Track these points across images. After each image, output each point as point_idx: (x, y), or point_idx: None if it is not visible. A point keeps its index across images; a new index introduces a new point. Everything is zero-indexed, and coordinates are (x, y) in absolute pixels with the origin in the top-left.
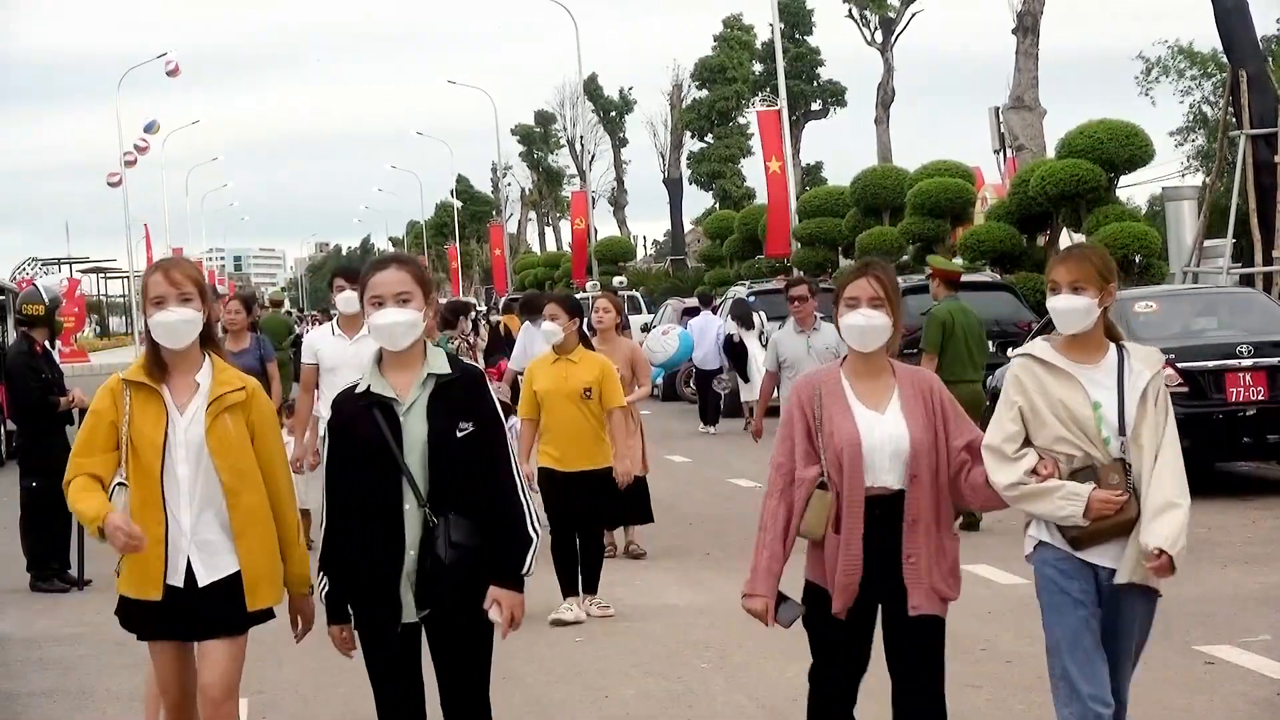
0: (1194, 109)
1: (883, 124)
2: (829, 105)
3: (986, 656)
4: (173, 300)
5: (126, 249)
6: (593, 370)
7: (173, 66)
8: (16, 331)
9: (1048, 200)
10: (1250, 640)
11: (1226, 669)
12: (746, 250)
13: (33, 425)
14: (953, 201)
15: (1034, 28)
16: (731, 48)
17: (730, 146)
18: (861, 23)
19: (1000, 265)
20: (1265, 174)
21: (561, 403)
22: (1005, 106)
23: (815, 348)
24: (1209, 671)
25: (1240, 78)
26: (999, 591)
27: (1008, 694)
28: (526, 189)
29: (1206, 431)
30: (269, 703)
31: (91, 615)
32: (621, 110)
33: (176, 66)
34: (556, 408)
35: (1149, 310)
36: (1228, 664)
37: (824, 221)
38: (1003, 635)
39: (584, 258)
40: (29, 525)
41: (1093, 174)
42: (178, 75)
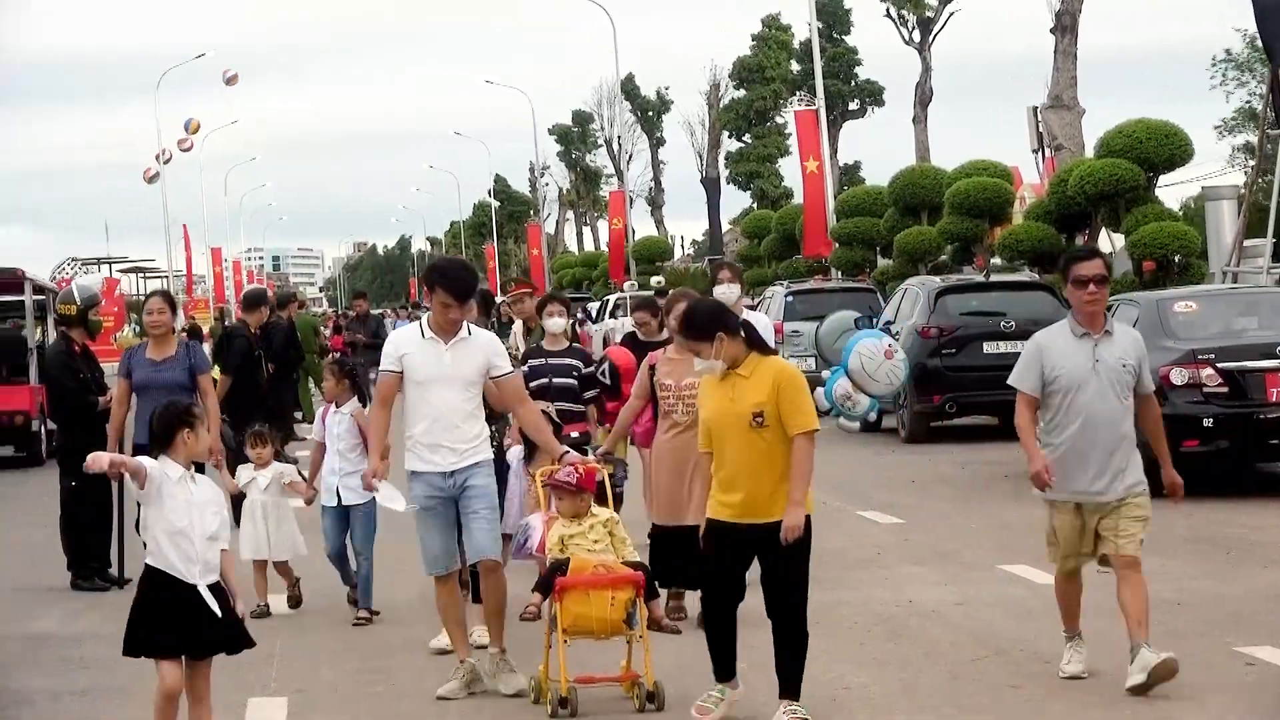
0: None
1: (921, 123)
2: (867, 105)
3: (1025, 656)
4: None
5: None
6: (764, 385)
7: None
8: (56, 331)
9: (1086, 200)
10: None
11: (1268, 670)
12: (784, 250)
13: (72, 424)
14: (991, 201)
15: (1072, 26)
16: (769, 47)
17: (768, 146)
18: (899, 22)
19: (1039, 265)
20: None
21: (728, 431)
22: (1044, 106)
23: (1105, 361)
24: (1250, 672)
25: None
26: (1038, 592)
27: (1046, 694)
28: (564, 189)
29: (1247, 432)
30: (308, 703)
31: None
32: (659, 110)
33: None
34: (726, 439)
35: (1188, 310)
36: (1269, 665)
37: (862, 221)
38: (1041, 635)
39: (621, 257)
40: (69, 524)
41: (1131, 173)
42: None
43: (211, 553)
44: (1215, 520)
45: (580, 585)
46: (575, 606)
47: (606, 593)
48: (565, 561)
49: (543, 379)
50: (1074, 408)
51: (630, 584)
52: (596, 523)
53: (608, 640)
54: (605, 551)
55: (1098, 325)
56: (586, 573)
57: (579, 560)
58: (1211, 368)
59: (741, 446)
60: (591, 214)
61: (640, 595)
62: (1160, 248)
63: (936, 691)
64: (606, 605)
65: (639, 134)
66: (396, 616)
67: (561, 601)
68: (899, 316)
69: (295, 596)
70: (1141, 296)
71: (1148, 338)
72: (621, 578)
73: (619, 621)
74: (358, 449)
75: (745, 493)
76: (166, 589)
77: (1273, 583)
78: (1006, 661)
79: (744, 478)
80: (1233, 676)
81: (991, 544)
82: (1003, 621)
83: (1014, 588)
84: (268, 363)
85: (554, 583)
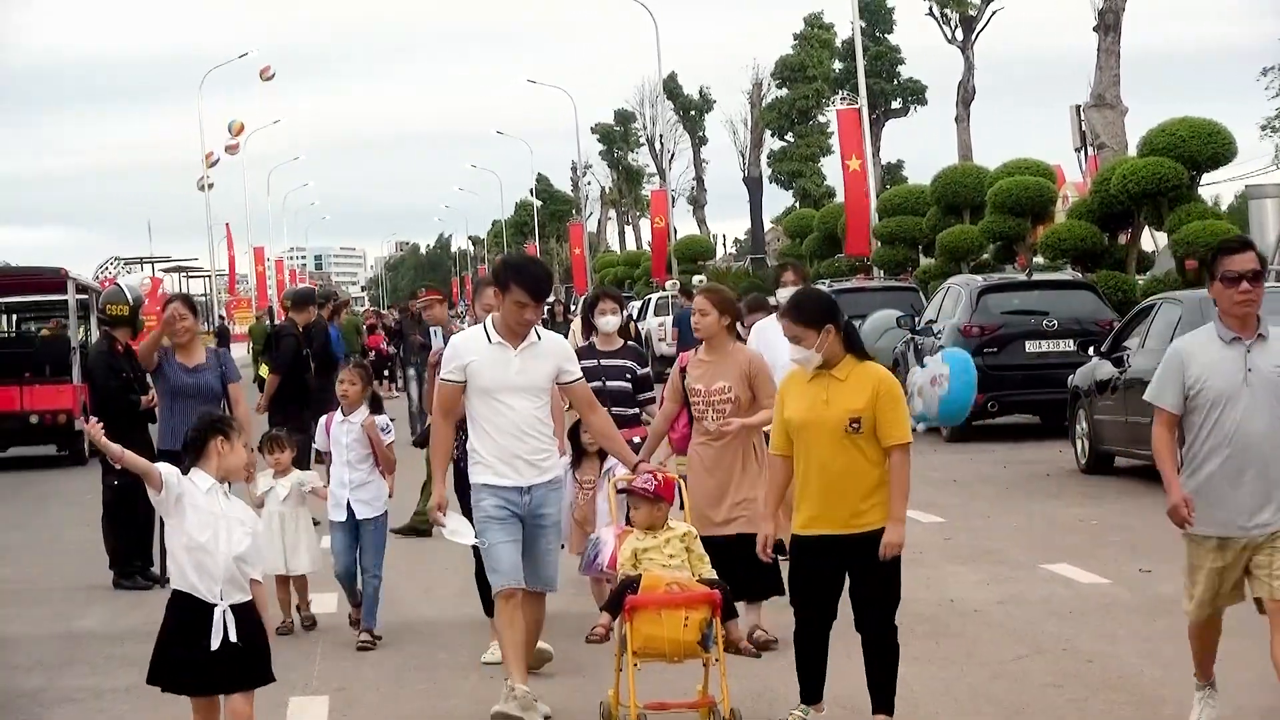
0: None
1: (963, 122)
2: (909, 103)
3: (1067, 656)
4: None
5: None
6: (863, 391)
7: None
8: (99, 330)
9: (1129, 198)
10: None
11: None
12: (826, 249)
13: (114, 424)
14: (1034, 200)
15: (1115, 25)
16: (812, 46)
17: (810, 145)
18: (942, 20)
19: (1081, 264)
20: None
21: (818, 435)
22: (1087, 104)
23: (1260, 370)
24: None
25: None
26: (1079, 591)
27: (1088, 693)
28: (606, 188)
29: None
30: (349, 699)
31: None
32: (701, 109)
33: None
34: (813, 445)
35: None
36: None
37: (904, 220)
38: (1083, 634)
39: (663, 256)
40: (111, 523)
41: (1175, 172)
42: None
43: (240, 572)
44: None
45: (652, 604)
46: (646, 627)
47: (680, 612)
48: (636, 579)
49: (595, 381)
50: (1222, 425)
51: (706, 603)
52: (673, 536)
53: (682, 663)
54: (680, 568)
55: (1250, 329)
56: (659, 591)
57: (651, 578)
58: None
59: (833, 453)
60: (633, 213)
61: (717, 615)
62: (1203, 246)
63: (978, 691)
64: (679, 626)
65: (681, 133)
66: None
67: (632, 622)
68: (941, 315)
69: (309, 618)
70: (1184, 295)
71: None
72: (696, 597)
73: (693, 643)
74: (368, 460)
75: (835, 503)
76: (187, 612)
77: None
78: (1048, 661)
79: (834, 486)
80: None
81: (1033, 543)
82: (1044, 621)
83: (1056, 587)
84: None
85: (624, 601)
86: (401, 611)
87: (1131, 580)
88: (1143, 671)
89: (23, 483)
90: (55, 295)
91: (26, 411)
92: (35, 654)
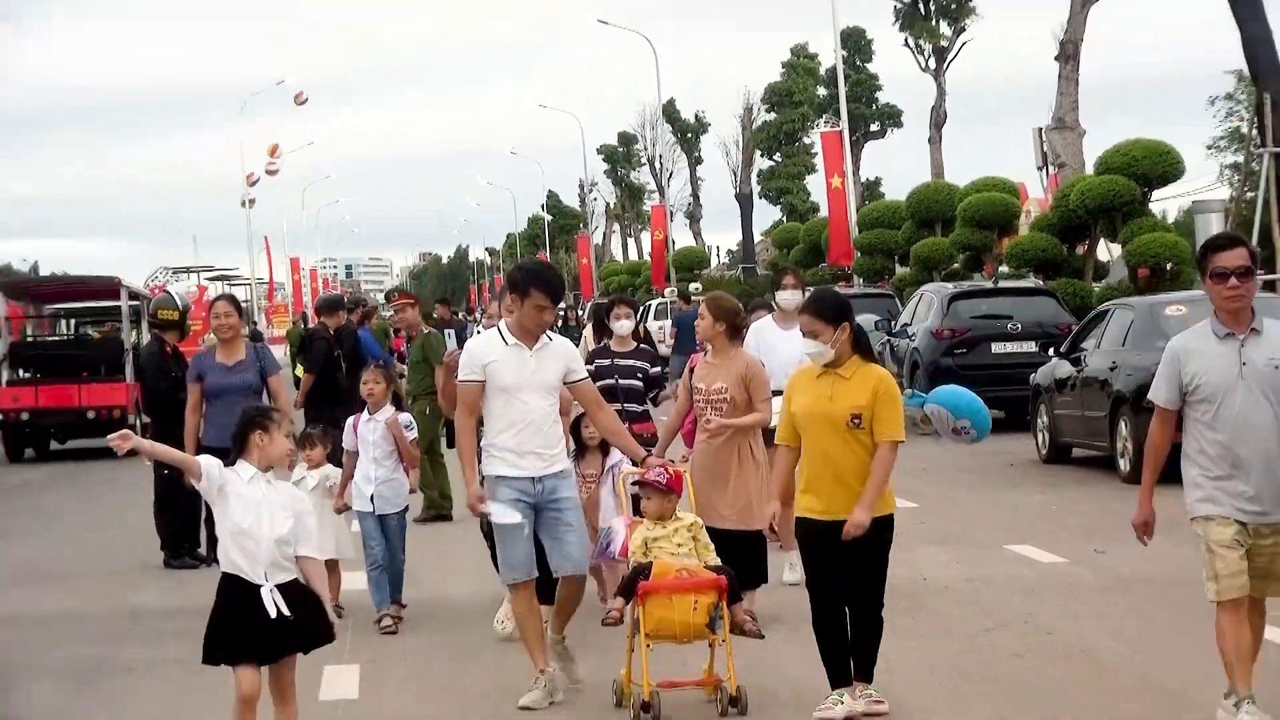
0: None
1: (935, 143)
2: (886, 126)
3: (1029, 629)
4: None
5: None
6: (865, 389)
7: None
8: (150, 333)
9: (1087, 213)
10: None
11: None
12: (811, 259)
13: (163, 419)
14: (999, 214)
15: (1074, 55)
16: (798, 74)
17: (796, 164)
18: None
19: (1043, 272)
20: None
21: (822, 429)
22: (1048, 127)
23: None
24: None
25: (1265, 100)
26: (1040, 570)
27: (1049, 663)
28: (610, 203)
29: None
30: (379, 671)
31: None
32: (697, 131)
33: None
34: (818, 437)
35: (1179, 313)
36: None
37: (882, 233)
38: (1044, 610)
39: (663, 266)
40: (162, 509)
41: (1128, 189)
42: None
43: (282, 554)
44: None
45: (663, 589)
46: (658, 611)
47: (689, 597)
48: (648, 566)
49: (609, 380)
50: (1220, 420)
51: (713, 588)
52: (681, 526)
53: (688, 644)
54: (688, 556)
55: (1243, 323)
56: (669, 577)
57: (662, 565)
58: None
59: (836, 445)
60: (635, 226)
61: (723, 599)
62: (1154, 256)
63: (950, 661)
64: (689, 609)
65: (679, 153)
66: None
67: (644, 606)
68: (915, 319)
69: (338, 608)
70: (1136, 301)
71: (1141, 340)
72: (705, 582)
73: (702, 626)
74: (393, 456)
75: (835, 490)
76: (236, 592)
77: None
78: (1012, 633)
79: (833, 475)
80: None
81: (999, 526)
82: (1009, 597)
83: (1019, 566)
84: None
85: (637, 587)
86: (427, 590)
87: (1088, 560)
88: (1099, 643)
89: (81, 472)
90: (110, 302)
91: (84, 407)
92: (95, 628)
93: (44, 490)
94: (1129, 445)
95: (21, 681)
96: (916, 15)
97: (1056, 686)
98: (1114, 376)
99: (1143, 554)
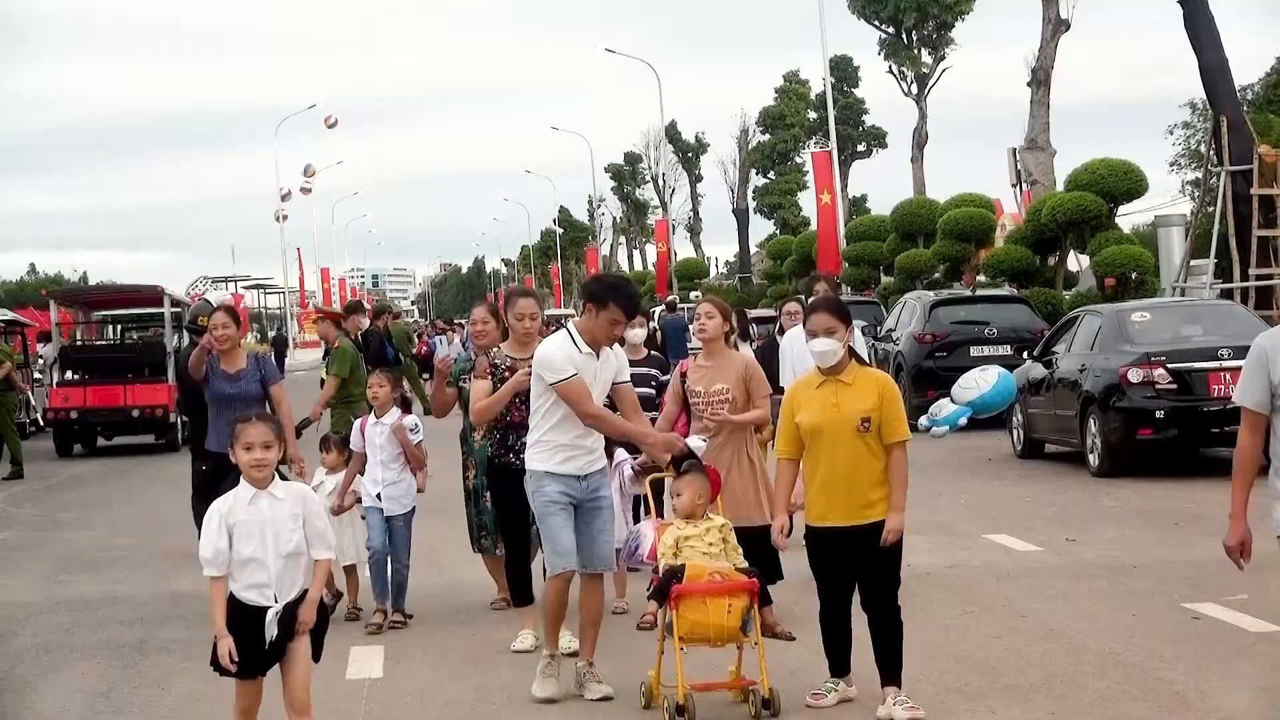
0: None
1: (917, 162)
2: (872, 147)
3: (1005, 612)
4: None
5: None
6: (870, 393)
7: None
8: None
9: (1058, 227)
10: (1231, 599)
11: (1211, 623)
12: (802, 269)
13: (200, 419)
14: (977, 228)
15: (1046, 81)
16: (790, 98)
17: (789, 182)
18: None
19: (1017, 282)
20: (1242, 204)
21: (834, 436)
22: (1021, 147)
23: None
24: (1195, 625)
25: (1221, 123)
26: (1016, 557)
27: (1023, 643)
28: (617, 218)
29: (1193, 422)
30: (401, 649)
31: None
32: (697, 151)
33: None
34: (828, 445)
35: (1143, 320)
36: (1211, 619)
37: (868, 245)
38: (1019, 594)
39: (665, 275)
40: (200, 500)
41: (1096, 204)
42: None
43: (291, 570)
44: (1166, 496)
45: (697, 592)
46: (692, 614)
47: (724, 600)
48: (680, 569)
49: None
50: None
51: (746, 591)
52: (712, 527)
53: (723, 647)
54: (719, 557)
55: None
56: (703, 580)
57: (695, 568)
58: (1163, 368)
59: (848, 451)
60: (640, 239)
61: (754, 602)
62: (1120, 267)
63: (932, 641)
64: (724, 612)
65: (680, 171)
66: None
67: (678, 609)
68: (899, 325)
69: (354, 610)
70: (1104, 308)
71: (1108, 345)
72: (738, 585)
73: (735, 629)
74: (399, 459)
75: (849, 496)
76: (237, 612)
77: (1215, 550)
78: (990, 616)
79: (847, 481)
80: (1181, 628)
81: (977, 517)
82: (986, 582)
83: (996, 554)
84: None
85: (670, 590)
86: (448, 574)
87: (1060, 548)
88: (1069, 625)
89: (127, 466)
90: (153, 309)
91: (129, 406)
92: (138, 610)
93: (92, 483)
94: (1098, 442)
95: (72, 660)
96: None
97: (1031, 664)
98: (1083, 378)
99: (1108, 543)
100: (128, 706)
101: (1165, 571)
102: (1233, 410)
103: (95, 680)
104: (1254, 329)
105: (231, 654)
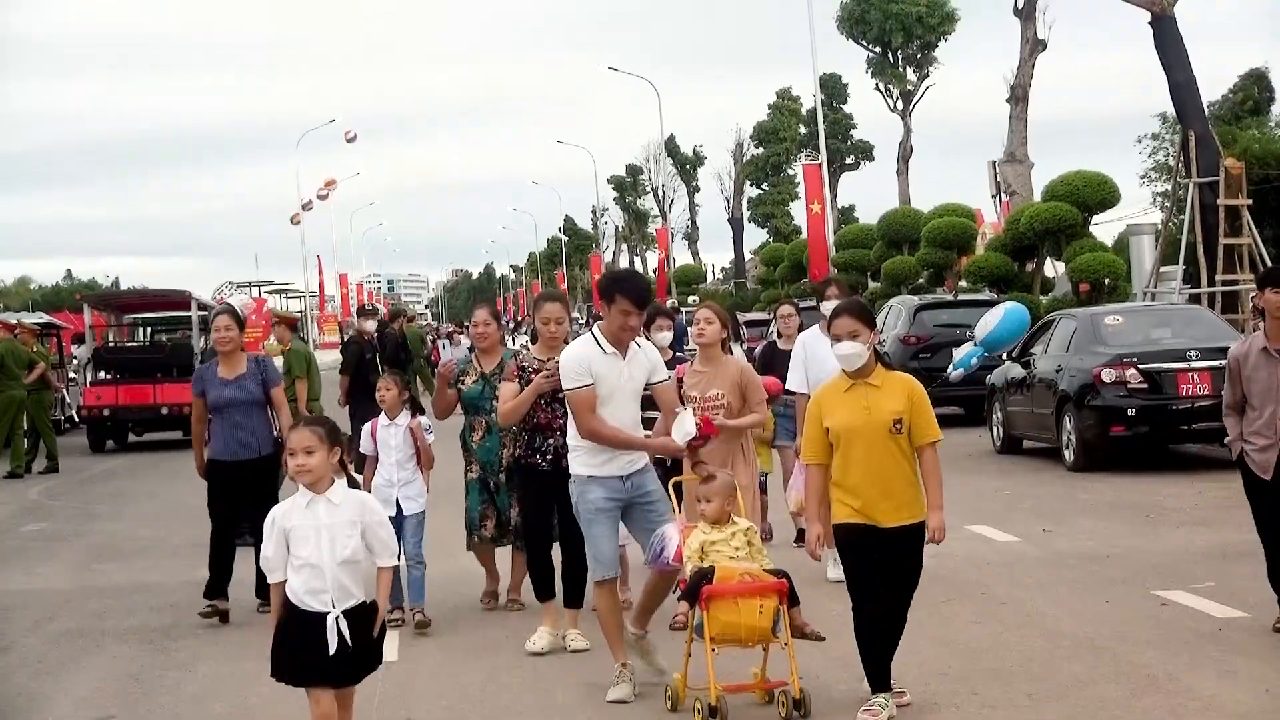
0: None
1: (903, 174)
2: (860, 159)
3: (986, 599)
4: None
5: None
6: (900, 395)
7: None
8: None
9: (1035, 235)
10: (1198, 586)
11: (1179, 609)
12: (794, 275)
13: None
14: (959, 236)
15: (1024, 97)
16: (782, 114)
17: (781, 193)
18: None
19: (997, 287)
20: (1209, 214)
21: (867, 439)
22: (1001, 160)
23: None
24: (1164, 611)
25: (1190, 137)
26: (996, 547)
27: (1003, 629)
28: (619, 226)
29: (1163, 419)
30: (418, 636)
31: None
32: (695, 163)
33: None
34: (863, 448)
35: (1116, 323)
36: (1180, 605)
37: (856, 252)
38: (999, 582)
39: (664, 281)
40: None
41: (1071, 214)
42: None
43: (348, 576)
44: (1138, 490)
45: (729, 594)
46: (723, 615)
47: (755, 601)
48: (710, 570)
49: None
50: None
51: (776, 592)
52: (737, 531)
53: (753, 648)
54: (745, 560)
55: None
56: (733, 581)
57: (724, 569)
58: (1134, 368)
59: (881, 454)
60: (641, 246)
61: (783, 603)
62: (1094, 273)
63: (916, 627)
64: (755, 613)
65: (679, 183)
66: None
67: (708, 610)
68: (885, 328)
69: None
70: (1079, 312)
71: (1083, 346)
72: (769, 585)
73: (767, 629)
74: (412, 459)
75: (880, 498)
76: (296, 619)
77: (1184, 540)
78: (971, 603)
79: (879, 483)
80: (1151, 615)
81: (959, 509)
82: (967, 571)
83: (977, 544)
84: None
85: (700, 591)
86: (463, 562)
87: (1037, 539)
88: (1046, 611)
89: (156, 461)
90: (181, 312)
91: (159, 404)
92: (167, 597)
93: (123, 477)
94: (1073, 438)
95: (105, 644)
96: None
97: (1010, 648)
98: (1059, 378)
99: (1083, 534)
100: (157, 688)
101: (1137, 561)
102: (1200, 408)
103: (126, 663)
104: (1220, 332)
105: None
